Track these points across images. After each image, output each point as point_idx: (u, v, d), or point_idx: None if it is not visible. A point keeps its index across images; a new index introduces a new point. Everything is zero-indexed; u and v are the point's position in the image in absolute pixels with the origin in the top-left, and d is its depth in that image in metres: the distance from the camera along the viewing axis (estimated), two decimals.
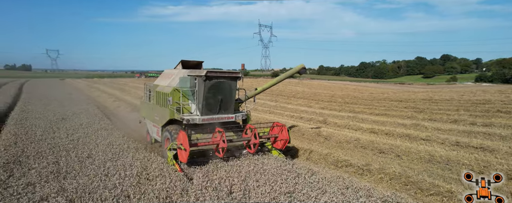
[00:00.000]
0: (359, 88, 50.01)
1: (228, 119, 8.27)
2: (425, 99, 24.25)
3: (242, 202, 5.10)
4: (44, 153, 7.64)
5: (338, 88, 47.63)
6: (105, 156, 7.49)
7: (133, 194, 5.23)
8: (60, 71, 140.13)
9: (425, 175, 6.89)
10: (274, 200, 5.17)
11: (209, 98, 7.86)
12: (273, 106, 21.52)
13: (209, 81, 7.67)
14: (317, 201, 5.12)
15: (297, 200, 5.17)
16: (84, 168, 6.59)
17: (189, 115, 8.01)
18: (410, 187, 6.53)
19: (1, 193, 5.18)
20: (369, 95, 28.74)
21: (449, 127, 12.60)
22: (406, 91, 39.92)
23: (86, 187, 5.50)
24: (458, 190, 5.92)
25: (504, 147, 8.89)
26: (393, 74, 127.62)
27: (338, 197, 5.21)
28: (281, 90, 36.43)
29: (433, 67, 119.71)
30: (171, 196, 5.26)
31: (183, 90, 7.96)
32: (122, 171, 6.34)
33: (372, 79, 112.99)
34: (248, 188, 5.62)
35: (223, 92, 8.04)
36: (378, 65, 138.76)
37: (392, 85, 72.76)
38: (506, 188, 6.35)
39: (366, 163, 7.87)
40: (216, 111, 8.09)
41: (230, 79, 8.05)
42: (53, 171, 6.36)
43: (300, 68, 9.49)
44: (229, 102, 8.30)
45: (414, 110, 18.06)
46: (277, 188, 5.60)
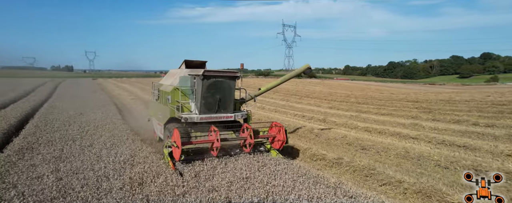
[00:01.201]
0: (381, 88, 48.74)
1: (227, 118, 8.33)
2: (444, 100, 23.55)
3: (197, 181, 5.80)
4: (54, 141, 8.87)
5: (359, 89, 46.73)
6: (104, 145, 8.55)
7: (112, 175, 6.13)
8: (97, 71, 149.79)
9: (388, 169, 7.22)
10: (231, 183, 5.84)
11: (207, 97, 7.98)
12: (282, 105, 22.00)
13: (207, 80, 7.83)
14: (268, 184, 5.72)
15: (250, 183, 5.80)
16: (82, 155, 7.65)
17: (188, 113, 8.14)
18: (368, 178, 6.92)
19: (8, 171, 6.32)
20: (386, 96, 28.20)
21: (447, 127, 12.45)
22: (430, 91, 38.41)
23: (77, 169, 6.52)
24: (407, 180, 6.26)
25: (487, 146, 8.84)
26: (424, 74, 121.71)
27: (287, 183, 5.77)
28: (298, 89, 36.61)
29: (471, 67, 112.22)
30: (144, 178, 6.09)
31: (183, 89, 8.14)
32: (112, 158, 7.30)
33: (401, 80, 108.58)
34: (213, 173, 6.34)
35: (222, 92, 8.14)
36: (408, 65, 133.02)
37: (419, 86, 69.86)
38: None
39: (338, 157, 8.28)
40: (215, 110, 8.20)
41: (228, 79, 8.18)
42: (56, 156, 7.48)
43: (305, 68, 9.49)
44: (228, 101, 8.37)
45: (423, 110, 17.77)
46: (238, 174, 6.27)
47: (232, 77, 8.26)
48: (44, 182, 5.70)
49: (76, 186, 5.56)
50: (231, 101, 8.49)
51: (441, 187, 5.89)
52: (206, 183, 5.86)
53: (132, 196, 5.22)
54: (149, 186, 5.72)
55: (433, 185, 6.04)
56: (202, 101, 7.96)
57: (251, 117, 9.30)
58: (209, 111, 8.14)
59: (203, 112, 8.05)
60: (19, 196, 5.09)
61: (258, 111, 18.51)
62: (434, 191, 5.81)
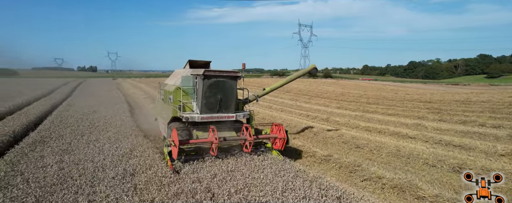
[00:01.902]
0: (397, 89, 47.58)
1: (228, 118, 8.30)
2: (459, 100, 22.92)
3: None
4: (64, 136, 9.62)
5: (374, 89, 45.87)
6: (108, 140, 9.18)
7: (108, 166, 6.68)
8: (119, 71, 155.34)
9: (374, 166, 7.37)
10: (215, 175, 6.23)
11: (208, 97, 8.00)
12: (289, 105, 22.19)
13: (208, 80, 7.86)
14: (249, 177, 6.07)
15: (232, 175, 6.18)
16: (87, 148, 8.29)
17: (189, 113, 8.19)
18: (352, 174, 7.13)
19: (19, 161, 7.02)
20: (400, 96, 27.68)
21: (451, 127, 12.28)
22: (449, 92, 37.16)
23: (79, 160, 7.12)
24: (387, 176, 6.41)
25: (483, 146, 8.77)
26: (448, 74, 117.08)
27: (268, 176, 6.09)
28: (310, 90, 36.55)
29: (501, 66, 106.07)
30: (136, 169, 6.60)
31: (185, 88, 8.22)
32: (112, 151, 7.88)
33: (421, 80, 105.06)
34: (201, 167, 6.76)
35: (223, 91, 8.13)
36: (430, 65, 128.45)
37: (439, 86, 67.38)
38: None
39: (328, 154, 8.49)
40: (216, 110, 8.20)
41: (229, 78, 8.17)
42: (63, 149, 8.16)
43: (311, 69, 9.54)
44: (229, 101, 8.34)
45: (432, 111, 17.48)
46: (224, 167, 6.67)
47: (233, 77, 8.23)
48: (47, 171, 6.32)
49: (75, 175, 6.14)
50: (232, 101, 8.45)
51: (417, 183, 6.03)
52: (192, 175, 6.28)
53: (122, 185, 5.70)
54: (140, 176, 6.21)
55: (411, 181, 6.18)
56: (203, 101, 7.99)
57: (253, 117, 9.25)
58: (210, 111, 8.13)
59: (204, 111, 8.06)
60: (23, 182, 5.72)
61: (264, 111, 18.84)
62: (410, 186, 5.95)
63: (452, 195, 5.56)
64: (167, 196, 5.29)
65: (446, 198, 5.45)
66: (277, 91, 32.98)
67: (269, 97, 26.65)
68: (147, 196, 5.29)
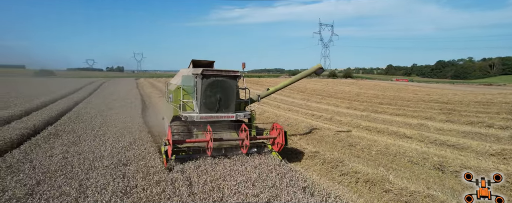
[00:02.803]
0: (419, 89, 45.79)
1: (228, 118, 8.27)
2: (481, 101, 22.07)
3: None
4: (76, 130, 10.56)
5: (394, 89, 44.45)
6: (113, 134, 9.98)
7: (106, 157, 7.38)
8: (144, 72, 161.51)
9: (357, 162, 7.60)
10: (197, 167, 6.74)
11: (207, 97, 8.02)
12: (298, 105, 22.35)
13: (206, 79, 7.91)
14: (227, 169, 6.54)
15: (213, 167, 6.67)
16: (93, 141, 9.11)
17: (189, 112, 8.23)
18: (333, 169, 7.41)
19: (32, 151, 7.91)
20: (418, 97, 26.91)
21: (455, 127, 12.06)
22: (475, 93, 35.41)
23: (82, 151, 7.91)
24: (363, 171, 6.63)
25: (477, 146, 8.69)
26: (481, 74, 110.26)
27: (247, 169, 6.54)
28: (325, 89, 36.28)
29: None
30: (130, 159, 7.25)
31: (185, 88, 8.34)
32: (114, 144, 8.63)
33: (449, 80, 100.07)
34: (188, 161, 7.29)
35: (222, 91, 8.12)
36: (461, 64, 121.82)
37: (470, 87, 63.80)
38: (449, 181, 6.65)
39: (315, 151, 8.76)
40: (215, 110, 8.20)
41: (228, 78, 8.15)
42: (72, 141, 9.03)
43: (316, 68, 9.41)
44: (229, 101, 8.31)
45: (444, 111, 17.07)
46: (208, 160, 7.19)
47: (232, 77, 8.20)
48: (52, 160, 7.12)
49: (75, 164, 6.89)
50: (232, 101, 8.39)
51: (389, 177, 6.21)
52: (176, 167, 6.81)
53: (113, 173, 6.35)
54: (131, 166, 6.85)
55: (384, 176, 6.37)
56: (203, 100, 8.01)
57: (255, 117, 9.25)
58: (210, 110, 8.13)
59: (203, 111, 8.07)
60: (30, 168, 6.52)
61: (272, 109, 19.17)
62: (381, 180, 6.15)
63: (417, 189, 5.70)
64: (149, 183, 5.85)
65: (410, 191, 5.61)
66: (290, 91, 33.25)
67: (280, 96, 26.92)
68: (132, 183, 5.88)
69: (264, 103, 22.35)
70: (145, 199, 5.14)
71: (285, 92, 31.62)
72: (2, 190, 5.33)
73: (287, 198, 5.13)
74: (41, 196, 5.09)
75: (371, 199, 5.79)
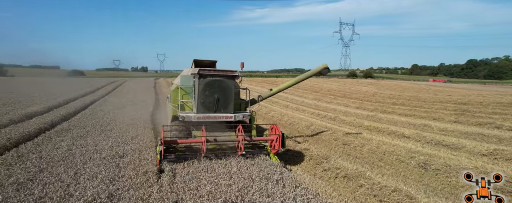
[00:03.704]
0: (443, 89, 44.05)
1: (226, 118, 8.14)
2: (503, 103, 21.20)
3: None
4: (86, 126, 11.40)
5: (414, 89, 43.03)
6: (119, 130, 10.70)
7: (105, 150, 8.01)
8: (166, 72, 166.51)
9: (343, 159, 7.84)
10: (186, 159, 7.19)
11: (205, 97, 7.96)
12: (307, 104, 22.41)
13: (203, 79, 7.88)
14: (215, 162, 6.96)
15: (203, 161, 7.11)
16: (99, 135, 9.84)
17: (187, 112, 8.17)
18: (317, 165, 7.73)
19: (43, 143, 8.72)
20: (438, 98, 26.17)
21: (458, 128, 11.83)
22: (501, 93, 33.64)
23: (86, 144, 8.61)
24: (344, 166, 6.81)
25: (476, 147, 8.76)
26: None
27: (232, 162, 6.93)
28: (339, 89, 35.90)
29: None
30: (127, 152, 7.84)
31: (184, 88, 8.34)
32: (117, 138, 9.29)
33: (480, 80, 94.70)
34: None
35: (220, 91, 8.04)
36: (495, 63, 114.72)
37: (501, 87, 60.12)
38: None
39: (305, 148, 8.98)
40: (213, 110, 8.09)
41: (226, 78, 8.05)
42: (80, 135, 9.81)
43: (322, 69, 9.24)
44: (227, 102, 8.17)
45: (458, 112, 16.57)
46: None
47: (229, 77, 8.08)
48: (58, 151, 7.84)
49: (76, 155, 7.56)
50: (230, 101, 8.22)
51: (367, 173, 6.34)
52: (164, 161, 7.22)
53: (108, 164, 6.93)
54: (126, 158, 7.42)
55: (361, 171, 6.52)
56: (200, 100, 7.95)
57: (255, 118, 9.09)
58: (207, 110, 8.04)
59: (201, 111, 7.99)
60: (37, 158, 7.24)
61: (279, 109, 19.41)
62: (357, 176, 6.33)
63: (390, 184, 5.83)
64: (136, 173, 6.36)
65: (381, 185, 5.77)
66: (303, 91, 33.22)
67: (292, 96, 27.04)
68: (122, 173, 6.41)
69: (274, 102, 22.63)
70: (128, 187, 5.64)
71: (299, 92, 31.69)
72: (8, 175, 6.04)
73: (256, 188, 5.43)
74: (40, 182, 5.72)
75: (344, 192, 6.00)
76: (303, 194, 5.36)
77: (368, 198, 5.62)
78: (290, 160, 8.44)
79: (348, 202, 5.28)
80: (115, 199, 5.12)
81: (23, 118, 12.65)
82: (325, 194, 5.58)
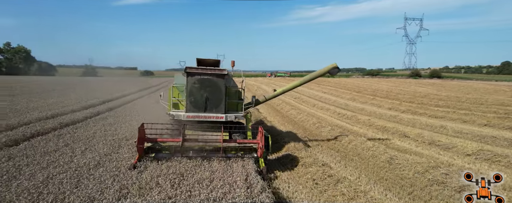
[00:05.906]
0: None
1: (217, 118, 7.90)
2: None
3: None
4: (119, 116, 13.62)
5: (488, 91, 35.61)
6: (120, 127, 11.08)
7: (97, 140, 9.19)
8: None
9: (319, 152, 8.48)
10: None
11: (194, 95, 7.84)
12: (337, 103, 22.12)
13: (191, 77, 7.78)
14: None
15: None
16: (122, 124, 11.75)
17: (176, 111, 8.11)
18: (296, 156, 8.26)
19: (82, 126, 10.95)
20: (474, 98, 23.19)
21: (461, 127, 11.54)
22: None
23: (87, 139, 9.45)
24: (319, 159, 7.42)
25: (464, 147, 8.36)
26: None
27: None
28: (388, 90, 33.31)
29: None
30: (135, 136, 9.41)
31: (178, 86, 8.30)
32: (115, 136, 9.78)
33: None
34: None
35: (209, 90, 7.87)
36: None
37: None
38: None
39: (289, 141, 9.55)
40: (203, 109, 7.94)
41: (215, 77, 7.89)
42: (110, 123, 11.92)
43: (330, 68, 8.83)
44: (217, 101, 7.97)
45: (499, 115, 14.82)
46: None
47: (218, 75, 7.89)
48: (87, 133, 9.88)
49: (97, 136, 9.50)
50: (221, 101, 8.01)
51: (329, 163, 6.80)
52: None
53: (113, 144, 8.59)
54: (131, 140, 9.02)
55: (326, 162, 7.26)
56: (190, 99, 7.84)
57: (250, 119, 8.71)
58: (197, 109, 7.90)
59: (190, 110, 7.85)
60: (71, 136, 9.34)
61: (302, 107, 19.64)
62: (313, 163, 6.95)
63: (338, 173, 6.24)
64: (133, 155, 7.53)
65: (330, 173, 6.37)
66: (344, 90, 32.16)
67: (326, 95, 26.74)
68: (104, 159, 7.15)
69: (303, 101, 22.86)
70: (114, 160, 7.09)
71: (338, 91, 30.99)
72: (44, 146, 8.06)
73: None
74: (57, 151, 7.58)
75: (296, 174, 6.59)
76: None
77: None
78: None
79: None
80: (99, 166, 6.62)
81: (80, 109, 15.49)
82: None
